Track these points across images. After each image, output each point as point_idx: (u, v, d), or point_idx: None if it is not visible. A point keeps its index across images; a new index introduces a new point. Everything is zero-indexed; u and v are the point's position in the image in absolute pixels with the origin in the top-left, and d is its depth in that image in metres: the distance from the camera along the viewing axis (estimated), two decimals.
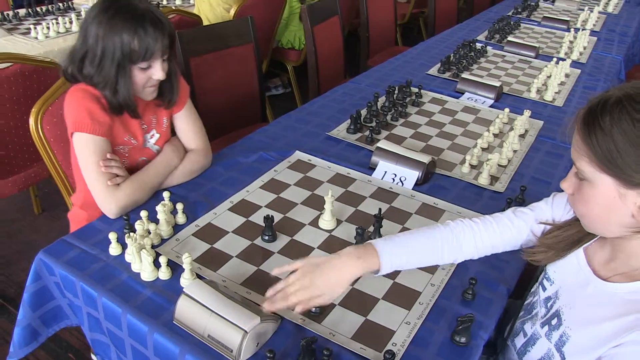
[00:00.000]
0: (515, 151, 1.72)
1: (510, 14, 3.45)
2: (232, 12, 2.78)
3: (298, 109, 1.94)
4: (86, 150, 1.32)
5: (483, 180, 1.54)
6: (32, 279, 1.23)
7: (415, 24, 4.88)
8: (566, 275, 1.01)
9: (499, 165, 1.64)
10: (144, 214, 1.27)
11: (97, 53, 1.27)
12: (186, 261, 1.11)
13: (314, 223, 1.33)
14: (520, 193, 1.46)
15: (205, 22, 2.93)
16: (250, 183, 1.48)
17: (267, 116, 2.71)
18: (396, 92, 2.05)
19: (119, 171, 1.34)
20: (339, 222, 1.34)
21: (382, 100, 2.01)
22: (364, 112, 1.90)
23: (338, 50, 2.89)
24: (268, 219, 1.25)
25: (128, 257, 1.19)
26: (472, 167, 1.62)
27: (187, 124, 1.52)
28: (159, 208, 1.26)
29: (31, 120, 1.57)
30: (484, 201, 1.46)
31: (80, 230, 1.29)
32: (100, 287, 1.12)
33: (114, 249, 1.21)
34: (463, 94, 2.12)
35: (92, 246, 1.23)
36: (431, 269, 1.20)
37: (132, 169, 1.43)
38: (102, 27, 1.25)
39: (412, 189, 1.49)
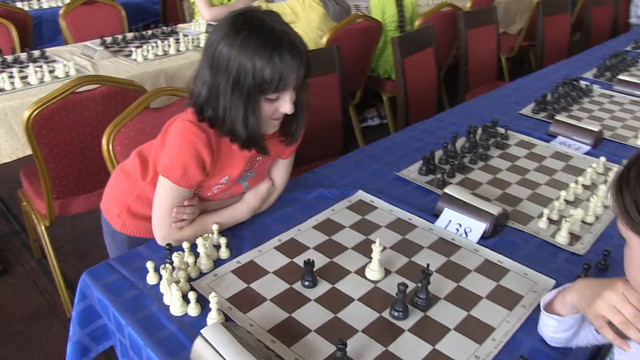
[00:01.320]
0: (606, 207, 1.54)
1: (628, 49, 3.16)
2: (325, 39, 2.78)
3: (371, 144, 1.88)
4: (165, 194, 1.29)
5: (561, 239, 1.38)
6: (79, 297, 1.26)
7: (525, 57, 4.64)
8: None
9: (584, 222, 1.46)
10: (185, 245, 1.26)
11: (227, 81, 1.16)
12: (213, 300, 1.09)
13: (360, 271, 1.26)
14: (603, 258, 1.28)
15: None
16: (303, 221, 1.44)
17: (350, 148, 2.67)
18: (479, 132, 1.93)
19: (188, 218, 1.33)
20: (387, 272, 1.26)
21: (462, 140, 1.89)
22: (440, 152, 1.79)
23: (431, 83, 2.80)
24: (308, 264, 1.20)
25: (162, 288, 1.18)
26: (551, 222, 1.46)
27: (282, 170, 1.50)
28: (199, 241, 1.25)
29: (103, 141, 1.65)
30: (558, 263, 1.30)
31: (125, 254, 1.32)
32: (129, 316, 1.12)
33: (151, 278, 1.22)
34: (555, 137, 1.94)
35: (132, 272, 1.25)
36: (480, 334, 1.08)
37: (209, 200, 1.43)
38: (233, 50, 1.13)
39: (477, 243, 1.37)
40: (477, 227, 1.38)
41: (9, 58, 2.75)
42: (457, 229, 1.40)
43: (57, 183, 2.08)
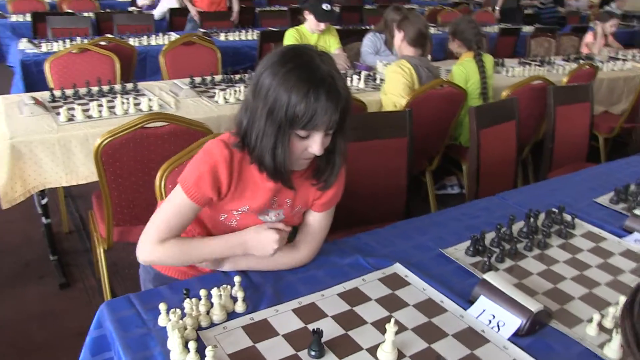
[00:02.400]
0: None
1: None
2: (404, 102, 2.78)
3: (422, 217, 1.82)
4: (171, 200, 1.34)
5: (611, 353, 1.25)
6: (95, 325, 1.29)
7: (628, 138, 4.38)
8: None
9: None
10: (202, 292, 1.27)
11: (263, 108, 1.20)
12: (209, 354, 1.08)
13: (373, 350, 1.20)
14: None
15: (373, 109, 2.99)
16: (330, 287, 1.41)
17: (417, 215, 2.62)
18: (542, 217, 1.82)
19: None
20: (401, 355, 1.19)
21: (521, 224, 1.79)
22: (492, 234, 1.71)
23: (509, 158, 2.70)
24: (316, 333, 1.16)
25: (169, 332, 1.19)
26: (603, 329, 1.33)
27: (315, 227, 1.50)
28: (214, 291, 1.25)
29: (157, 176, 1.73)
30: None
31: (146, 292, 1.35)
32: (129, 355, 1.14)
33: (162, 320, 1.23)
34: (631, 233, 1.79)
35: (147, 311, 1.27)
36: None
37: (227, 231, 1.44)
38: (275, 80, 1.17)
39: (508, 339, 1.27)
40: (512, 322, 1.29)
41: (105, 88, 2.98)
42: (490, 320, 1.31)
43: (118, 210, 2.19)
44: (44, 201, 2.60)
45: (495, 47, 5.88)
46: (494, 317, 1.32)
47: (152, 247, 1.32)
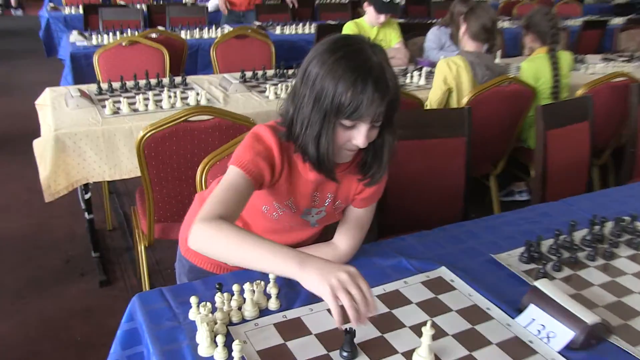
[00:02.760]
0: None
1: None
2: (465, 99, 2.79)
3: (476, 220, 1.83)
4: (226, 179, 1.34)
5: None
6: (126, 318, 1.37)
7: None
8: None
9: None
10: (236, 287, 1.34)
11: (311, 96, 1.27)
12: (235, 349, 1.14)
13: (408, 354, 1.23)
14: None
15: (431, 106, 3.00)
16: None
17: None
18: (609, 225, 1.79)
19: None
20: None
21: (584, 231, 1.77)
22: (550, 241, 1.70)
23: (581, 162, 2.66)
24: (348, 333, 1.20)
25: (198, 326, 1.26)
26: None
27: (356, 223, 1.56)
28: (247, 286, 1.32)
29: (198, 170, 1.82)
30: None
31: (179, 285, 1.43)
32: (158, 346, 1.21)
33: (193, 314, 1.30)
34: None
35: (178, 304, 1.35)
36: None
37: (273, 232, 1.53)
38: (323, 68, 1.24)
39: (559, 352, 1.27)
40: (563, 334, 1.29)
41: (153, 81, 3.13)
42: (539, 331, 1.32)
43: (160, 206, 2.30)
44: (87, 196, 2.75)
45: (578, 41, 5.74)
46: (543, 327, 1.32)
47: (200, 223, 1.23)
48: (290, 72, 3.53)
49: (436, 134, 2.26)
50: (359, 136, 1.30)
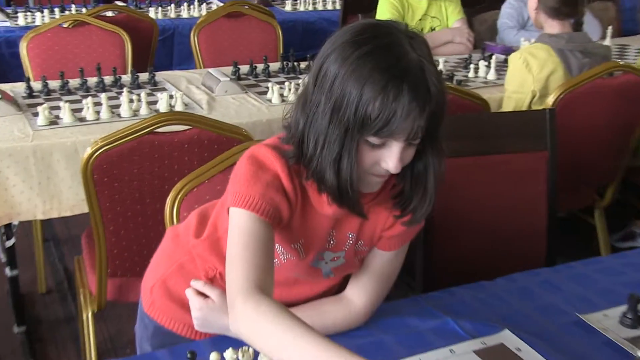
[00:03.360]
0: None
1: None
2: (551, 99, 2.87)
3: (558, 267, 1.92)
4: (239, 233, 1.40)
5: None
6: None
7: None
8: None
9: None
10: (214, 357, 1.45)
11: (328, 103, 1.33)
12: None
13: None
14: None
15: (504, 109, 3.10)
16: (401, 358, 1.53)
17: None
18: None
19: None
20: None
21: None
22: None
23: None
24: None
25: None
26: None
27: (380, 269, 1.66)
28: (229, 354, 1.42)
29: (168, 200, 1.92)
30: None
31: (139, 358, 1.54)
32: None
33: None
34: None
35: None
36: None
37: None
38: (344, 67, 1.31)
39: None
40: None
41: (108, 79, 3.27)
42: None
43: (116, 254, 2.40)
44: (9, 243, 2.76)
45: None
46: None
47: (243, 303, 1.31)
48: (304, 65, 3.65)
49: (505, 148, 2.33)
50: (390, 158, 1.36)
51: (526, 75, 3.03)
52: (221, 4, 4.64)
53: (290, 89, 3.24)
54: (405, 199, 1.50)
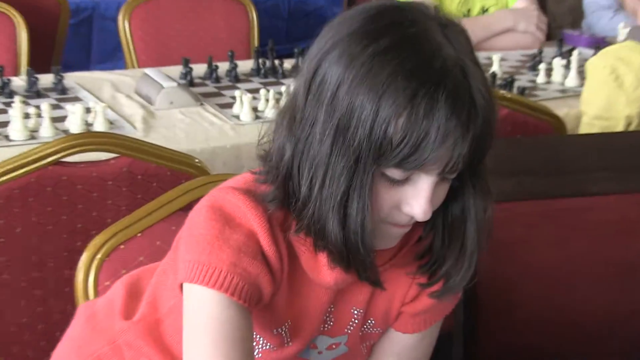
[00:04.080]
0: None
1: None
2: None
3: None
4: (202, 321, 1.41)
5: None
6: None
7: None
8: None
9: None
10: None
11: (329, 122, 1.32)
12: None
13: None
14: None
15: (585, 127, 3.14)
16: None
17: None
18: None
19: None
20: None
21: None
22: None
23: None
24: None
25: None
26: None
27: (401, 357, 1.72)
28: None
29: (81, 262, 1.97)
30: None
31: None
32: None
33: None
34: None
35: None
36: None
37: None
38: (352, 70, 1.30)
39: None
40: None
41: None
42: None
43: (1, 345, 2.45)
44: None
45: None
46: None
47: None
48: (289, 65, 3.72)
49: (590, 187, 2.38)
50: (416, 199, 1.35)
51: (615, 92, 3.07)
52: None
53: (268, 100, 3.30)
54: (434, 259, 1.50)
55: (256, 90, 3.42)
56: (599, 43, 3.87)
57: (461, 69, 1.30)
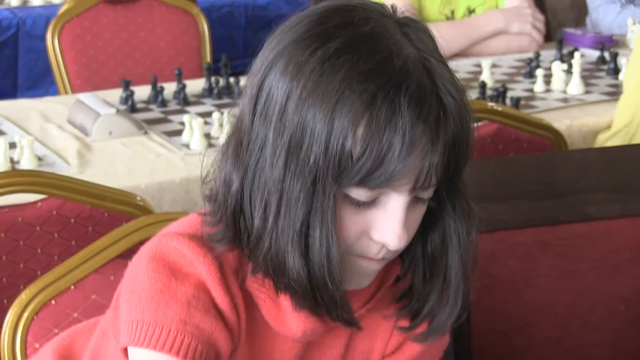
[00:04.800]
0: None
1: None
2: None
3: None
4: None
5: None
6: None
7: None
8: None
9: None
10: None
11: (279, 141, 1.33)
12: None
13: None
14: None
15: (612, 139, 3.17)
16: None
17: None
18: None
19: None
20: None
21: None
22: None
23: None
24: None
25: None
26: None
27: None
28: None
29: (7, 321, 1.99)
30: None
31: None
32: None
33: None
34: None
35: None
36: None
37: None
38: (300, 79, 1.31)
39: None
40: None
41: None
42: None
43: None
44: None
45: None
46: None
47: None
48: (244, 81, 3.74)
49: (594, 211, 2.42)
50: (387, 223, 1.36)
51: None
52: None
53: (222, 125, 3.33)
54: (416, 297, 1.51)
55: (208, 114, 3.45)
56: (605, 42, 3.88)
57: (425, 68, 1.32)
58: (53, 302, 2.00)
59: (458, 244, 1.46)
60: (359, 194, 1.32)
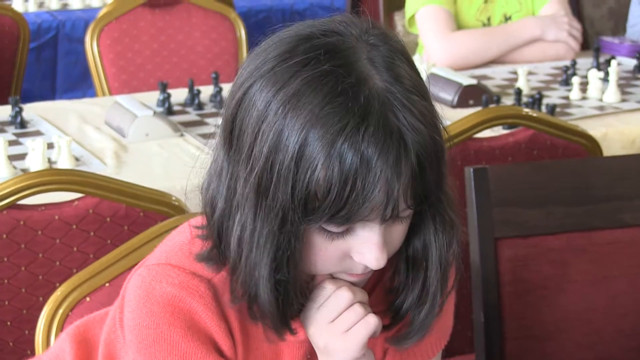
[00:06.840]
0: None
1: None
2: None
3: None
4: None
5: None
6: None
7: None
8: None
9: None
10: None
11: (250, 173, 1.34)
12: None
13: None
14: None
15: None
16: None
17: None
18: None
19: None
20: None
21: None
22: None
23: None
24: None
25: None
26: None
27: None
28: None
29: (44, 315, 2.00)
30: None
31: None
32: None
33: None
34: None
35: None
36: None
37: None
38: (265, 122, 1.32)
39: None
40: None
41: None
42: None
43: None
44: None
45: None
46: None
47: None
48: None
49: (629, 217, 2.40)
50: (365, 246, 1.39)
51: None
52: None
53: None
54: (398, 298, 1.55)
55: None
56: None
57: (388, 102, 1.31)
58: (88, 299, 2.01)
59: (438, 255, 1.48)
60: (331, 227, 1.34)
